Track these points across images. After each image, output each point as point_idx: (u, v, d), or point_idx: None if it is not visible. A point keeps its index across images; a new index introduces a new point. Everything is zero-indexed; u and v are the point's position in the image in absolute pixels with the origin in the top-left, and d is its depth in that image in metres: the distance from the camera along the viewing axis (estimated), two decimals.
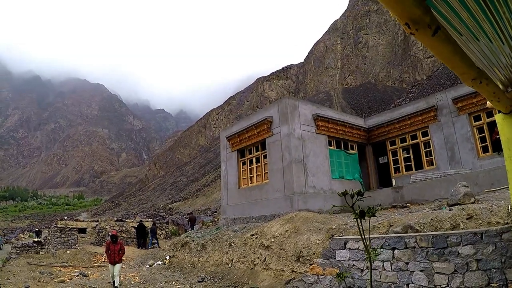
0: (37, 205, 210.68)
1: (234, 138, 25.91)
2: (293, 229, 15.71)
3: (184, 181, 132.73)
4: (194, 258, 21.83)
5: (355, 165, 24.82)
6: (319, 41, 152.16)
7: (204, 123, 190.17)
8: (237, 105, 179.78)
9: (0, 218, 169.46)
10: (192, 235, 25.41)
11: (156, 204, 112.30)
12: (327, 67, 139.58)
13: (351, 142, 25.21)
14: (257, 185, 23.78)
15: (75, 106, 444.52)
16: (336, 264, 11.81)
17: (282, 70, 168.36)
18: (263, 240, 16.64)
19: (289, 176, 20.74)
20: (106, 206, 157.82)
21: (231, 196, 26.22)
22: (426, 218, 11.62)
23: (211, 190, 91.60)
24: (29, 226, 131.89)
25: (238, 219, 24.33)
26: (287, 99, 22.80)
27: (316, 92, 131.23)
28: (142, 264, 26.04)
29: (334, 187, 21.95)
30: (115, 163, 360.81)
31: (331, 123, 23.42)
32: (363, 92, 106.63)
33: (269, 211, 21.62)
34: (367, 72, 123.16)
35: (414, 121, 23.52)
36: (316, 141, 22.34)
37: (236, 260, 18.10)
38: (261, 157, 23.87)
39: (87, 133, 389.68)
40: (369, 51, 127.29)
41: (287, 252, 14.81)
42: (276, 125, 22.20)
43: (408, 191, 19.51)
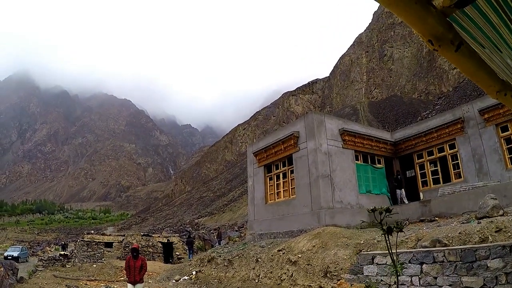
0: (63, 219, 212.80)
1: (261, 154, 25.94)
2: (320, 245, 15.63)
3: (210, 196, 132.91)
4: (221, 274, 21.78)
5: (382, 179, 24.60)
6: (344, 55, 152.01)
7: (231, 138, 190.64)
8: (263, 120, 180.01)
9: (27, 231, 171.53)
10: (218, 250, 25.40)
11: (183, 219, 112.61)
12: (353, 80, 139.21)
13: (378, 156, 25.01)
14: (284, 201, 23.71)
15: (102, 121, 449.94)
16: (364, 280, 11.71)
17: (308, 85, 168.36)
18: (290, 256, 16.56)
19: (316, 191, 20.66)
20: (133, 220, 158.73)
21: (258, 212, 26.19)
22: (454, 231, 11.49)
23: (238, 205, 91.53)
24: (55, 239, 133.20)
25: (265, 234, 24.25)
26: (313, 114, 22.80)
27: (342, 106, 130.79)
28: (168, 279, 26.06)
29: (361, 202, 21.79)
30: (141, 178, 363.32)
31: (358, 138, 23.31)
32: (389, 105, 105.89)
33: (296, 226, 21.50)
34: (393, 85, 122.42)
35: (441, 133, 23.25)
36: (343, 155, 22.24)
37: (263, 275, 18.02)
38: (288, 172, 23.80)
39: (114, 148, 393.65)
40: (394, 64, 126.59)
41: (315, 268, 14.72)
42: (303, 140, 22.18)
43: (436, 205, 19.23)
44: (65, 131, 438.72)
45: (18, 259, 49.26)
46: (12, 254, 51.81)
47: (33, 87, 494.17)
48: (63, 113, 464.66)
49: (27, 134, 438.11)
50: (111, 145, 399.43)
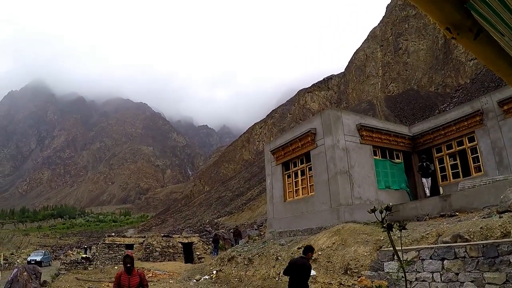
0: (84, 222, 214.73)
1: (278, 152, 25.86)
2: (340, 242, 15.52)
3: (229, 196, 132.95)
4: (241, 272, 21.76)
5: (401, 174, 24.32)
6: (359, 50, 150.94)
7: (248, 137, 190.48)
8: (279, 118, 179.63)
9: (49, 236, 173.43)
10: (238, 249, 25.37)
11: (202, 219, 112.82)
12: (368, 75, 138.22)
13: (396, 151, 24.74)
14: (303, 198, 23.63)
15: (119, 125, 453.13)
16: (385, 276, 11.58)
17: (323, 81, 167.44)
18: None
19: (334, 188, 20.54)
20: (153, 222, 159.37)
21: (277, 210, 26.12)
22: (476, 226, 11.32)
23: (257, 204, 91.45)
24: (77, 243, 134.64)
25: (284, 232, 24.16)
26: (330, 110, 22.67)
27: (358, 101, 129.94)
28: (189, 278, 26.10)
29: (381, 198, 21.55)
30: (160, 180, 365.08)
31: (375, 133, 23.09)
32: (406, 99, 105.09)
33: (315, 223, 21.41)
34: (409, 78, 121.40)
35: (459, 126, 22.84)
36: (360, 151, 22.05)
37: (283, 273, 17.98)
38: (306, 169, 23.71)
39: (132, 151, 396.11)
40: (410, 57, 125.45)
41: (335, 265, 14.63)
42: (320, 136, 22.05)
43: (456, 199, 18.92)
44: (83, 137, 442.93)
45: (41, 263, 49.82)
46: (35, 259, 52.36)
47: (49, 95, 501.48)
48: (80, 119, 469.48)
49: (46, 141, 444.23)
50: (129, 149, 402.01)
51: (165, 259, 38.41)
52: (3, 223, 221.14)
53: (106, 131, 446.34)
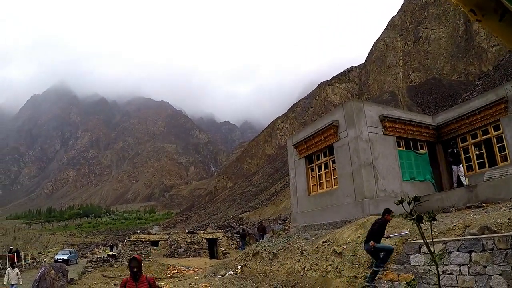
0: (110, 221, 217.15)
1: (301, 145, 25.69)
2: (365, 235, 15.36)
3: (253, 191, 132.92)
4: (266, 267, 21.72)
5: (426, 165, 23.91)
6: (379, 40, 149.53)
7: (270, 132, 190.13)
8: (301, 112, 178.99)
9: (75, 235, 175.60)
10: (263, 244, 25.34)
11: (226, 215, 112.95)
12: (389, 65, 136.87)
13: (420, 142, 24.28)
14: (327, 191, 23.45)
15: (141, 124, 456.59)
16: (411, 270, 11.39)
17: (344, 73, 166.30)
18: (335, 247, 16.35)
19: (358, 180, 20.34)
20: (177, 219, 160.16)
21: (301, 204, 25.99)
22: (504, 217, 11.08)
23: (280, 198, 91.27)
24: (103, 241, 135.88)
25: (309, 226, 24.05)
26: (352, 101, 22.50)
27: (380, 92, 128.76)
28: (214, 274, 26.19)
29: (406, 190, 21.21)
30: (184, 177, 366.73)
31: (399, 123, 22.69)
32: (428, 88, 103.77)
33: (340, 217, 21.25)
34: (431, 67, 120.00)
35: (484, 115, 22.28)
36: (384, 142, 21.75)
37: (308, 268, 17.86)
38: (329, 162, 23.50)
39: (155, 149, 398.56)
40: (430, 46, 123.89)
41: (360, 259, 14.48)
42: (343, 129, 21.82)
43: (482, 190, 18.51)
44: (106, 137, 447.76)
45: (68, 262, 50.28)
46: (62, 257, 52.86)
47: (71, 97, 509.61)
48: (103, 119, 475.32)
49: (70, 142, 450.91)
50: (152, 147, 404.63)
51: (190, 255, 38.57)
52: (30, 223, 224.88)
53: (129, 130, 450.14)
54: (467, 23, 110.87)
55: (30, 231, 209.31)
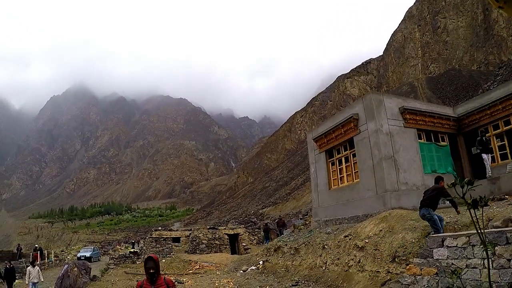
0: (131, 218, 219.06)
1: (321, 139, 25.52)
2: (387, 229, 15.21)
3: (273, 186, 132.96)
4: (288, 262, 21.69)
5: (447, 157, 23.56)
6: (396, 31, 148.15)
7: (289, 126, 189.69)
8: (320, 106, 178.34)
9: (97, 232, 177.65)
10: (285, 239, 25.31)
11: (247, 210, 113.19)
12: (408, 57, 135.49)
13: (441, 134, 23.88)
14: (348, 185, 23.28)
15: (161, 122, 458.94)
16: (434, 264, 11.23)
17: (362, 66, 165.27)
18: (357, 241, 16.24)
19: (380, 174, 20.13)
20: (198, 215, 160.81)
21: (322, 198, 25.87)
22: None
23: (301, 193, 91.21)
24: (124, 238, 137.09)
25: (330, 220, 23.95)
26: (371, 94, 22.25)
27: (399, 84, 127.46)
28: (236, 269, 26.24)
29: (427, 182, 20.85)
30: (204, 173, 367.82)
31: (419, 115, 22.32)
32: (448, 79, 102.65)
33: (361, 211, 21.10)
34: (450, 58, 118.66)
35: (505, 105, 21.82)
36: (405, 135, 21.46)
37: (330, 262, 17.79)
38: (350, 156, 23.28)
39: (175, 146, 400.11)
40: (449, 36, 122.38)
41: (382, 253, 14.35)
42: (363, 122, 21.59)
43: (505, 182, 18.19)
44: (126, 135, 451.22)
45: (91, 259, 50.82)
46: (85, 255, 53.35)
47: (91, 97, 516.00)
48: (122, 118, 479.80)
49: (90, 141, 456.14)
50: (171, 144, 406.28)
51: (212, 251, 38.79)
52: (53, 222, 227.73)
53: (148, 128, 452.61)
54: (485, 12, 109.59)
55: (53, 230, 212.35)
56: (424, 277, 11.24)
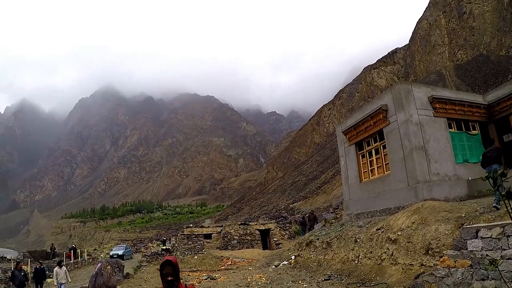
0: (162, 216, 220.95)
1: (351, 132, 25.33)
2: (420, 221, 15.01)
3: (303, 180, 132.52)
4: (320, 257, 21.64)
5: (478, 146, 22.93)
6: (421, 19, 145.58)
7: (317, 120, 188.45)
8: (347, 98, 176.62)
9: (129, 230, 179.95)
10: (316, 233, 25.23)
11: (277, 205, 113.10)
12: (434, 45, 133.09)
13: (472, 122, 23.34)
14: (379, 177, 23.04)
15: (188, 120, 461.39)
16: (468, 255, 11.01)
17: (388, 55, 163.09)
18: (390, 234, 16.08)
19: (411, 165, 19.85)
20: (229, 211, 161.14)
21: (353, 191, 25.69)
22: None
23: (331, 186, 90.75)
24: (156, 235, 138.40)
25: (361, 214, 23.78)
26: (400, 84, 21.94)
27: (426, 73, 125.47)
28: (267, 265, 26.27)
29: (459, 172, 20.61)
30: (233, 169, 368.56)
31: (449, 104, 21.90)
32: (476, 66, 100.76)
33: (393, 203, 20.86)
34: (477, 44, 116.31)
35: None
36: (435, 124, 21.07)
37: (362, 256, 17.70)
38: (380, 147, 23.05)
39: (204, 143, 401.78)
40: (475, 21, 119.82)
41: (415, 245, 14.18)
42: (392, 113, 21.31)
43: None
44: (155, 134, 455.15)
45: (123, 257, 51.52)
46: (117, 253, 54.18)
47: (118, 98, 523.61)
48: (151, 117, 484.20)
49: (120, 141, 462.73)
50: (200, 141, 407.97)
51: (243, 247, 38.90)
52: (85, 222, 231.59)
53: (177, 126, 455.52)
54: None
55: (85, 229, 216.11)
56: (459, 269, 11.04)
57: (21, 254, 76.81)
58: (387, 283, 14.27)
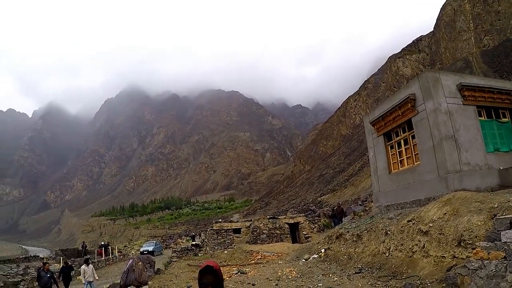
0: (191, 212, 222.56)
1: (379, 122, 24.98)
2: (451, 212, 14.76)
3: (330, 173, 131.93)
4: (350, 249, 21.52)
5: (509, 134, 22.45)
6: (445, 5, 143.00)
7: (343, 111, 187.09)
8: (373, 89, 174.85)
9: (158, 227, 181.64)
10: (346, 226, 25.11)
11: (305, 198, 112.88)
12: (460, 31, 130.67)
13: (502, 110, 22.74)
14: (408, 168, 22.70)
15: (214, 115, 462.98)
16: (502, 247, 10.75)
17: (413, 44, 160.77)
18: (421, 226, 15.85)
19: (440, 155, 19.50)
20: (257, 205, 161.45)
21: (382, 183, 25.41)
22: None
23: (359, 179, 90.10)
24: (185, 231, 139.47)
25: (391, 205, 23.50)
26: (427, 72, 21.58)
27: (452, 60, 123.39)
28: (297, 258, 26.23)
29: (490, 162, 20.14)
30: (260, 164, 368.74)
31: (478, 92, 21.36)
32: (503, 51, 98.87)
33: (423, 194, 20.55)
34: (504, 28, 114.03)
35: None
36: (464, 113, 20.62)
37: (393, 248, 17.50)
38: (409, 138, 22.66)
39: (230, 139, 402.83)
40: (501, 5, 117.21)
41: (447, 237, 13.94)
42: (420, 102, 20.95)
43: None
44: (181, 131, 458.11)
45: (153, 253, 52.11)
46: (148, 249, 54.86)
47: (144, 97, 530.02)
48: (176, 115, 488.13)
49: (147, 140, 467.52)
50: (226, 137, 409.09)
51: (273, 241, 38.91)
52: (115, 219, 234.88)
53: (202, 123, 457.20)
54: None
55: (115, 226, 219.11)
56: (492, 261, 10.80)
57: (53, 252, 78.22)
58: (418, 276, 14.09)
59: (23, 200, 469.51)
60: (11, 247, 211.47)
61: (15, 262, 53.29)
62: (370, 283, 15.44)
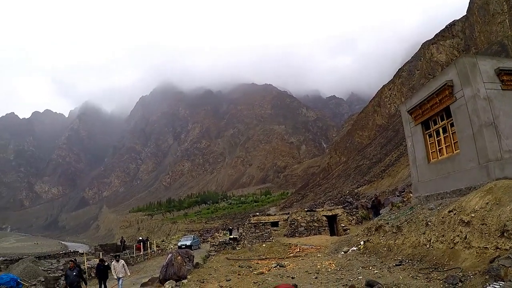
0: (227, 206, 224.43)
1: (416, 111, 24.37)
2: (494, 201, 14.31)
3: (367, 164, 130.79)
4: (390, 241, 21.21)
5: None
6: None
7: (378, 101, 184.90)
8: (407, 77, 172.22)
9: (195, 221, 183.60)
10: (385, 217, 24.79)
11: (342, 190, 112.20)
12: (493, 13, 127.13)
13: None
14: (447, 157, 22.10)
15: (248, 109, 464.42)
16: None
17: (446, 29, 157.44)
18: (462, 216, 15.43)
19: (480, 143, 18.91)
20: (293, 198, 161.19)
21: (421, 173, 24.89)
22: None
23: (396, 169, 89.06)
24: (222, 225, 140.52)
25: (431, 196, 22.99)
26: (464, 58, 20.97)
27: (488, 44, 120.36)
28: (336, 251, 26.04)
29: None
30: (296, 156, 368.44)
31: None
32: None
33: (463, 183, 19.98)
34: None
35: None
36: (504, 98, 19.82)
37: (434, 240, 17.13)
38: (448, 126, 21.98)
39: (265, 132, 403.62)
40: None
41: (490, 227, 13.52)
42: (458, 88, 20.33)
43: None
44: (216, 126, 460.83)
45: (191, 247, 52.57)
46: (186, 243, 55.39)
47: (178, 93, 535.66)
48: (211, 110, 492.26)
49: (182, 135, 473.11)
50: (261, 130, 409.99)
51: (311, 234, 38.81)
52: (152, 214, 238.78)
53: (237, 117, 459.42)
54: None
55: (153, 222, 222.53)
56: None
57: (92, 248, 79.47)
58: (460, 268, 13.74)
59: (62, 198, 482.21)
60: (51, 243, 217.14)
61: (55, 257, 54.39)
62: (411, 275, 15.13)
